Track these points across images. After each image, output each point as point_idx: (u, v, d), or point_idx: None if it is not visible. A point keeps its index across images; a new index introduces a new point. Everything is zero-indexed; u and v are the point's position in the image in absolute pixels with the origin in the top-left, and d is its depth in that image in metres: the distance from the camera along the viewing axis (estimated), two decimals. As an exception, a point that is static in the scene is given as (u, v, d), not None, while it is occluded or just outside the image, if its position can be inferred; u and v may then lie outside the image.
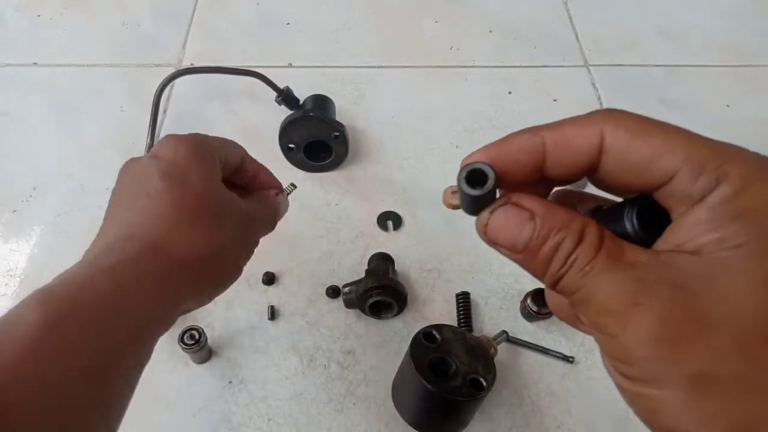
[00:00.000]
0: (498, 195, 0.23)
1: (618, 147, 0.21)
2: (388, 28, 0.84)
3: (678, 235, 0.20)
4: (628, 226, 0.22)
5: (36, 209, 0.64)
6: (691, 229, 0.20)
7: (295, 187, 0.44)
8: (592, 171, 0.22)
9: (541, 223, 0.21)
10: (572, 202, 0.27)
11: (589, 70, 0.78)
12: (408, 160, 0.69)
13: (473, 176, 0.22)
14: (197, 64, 0.77)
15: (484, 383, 0.45)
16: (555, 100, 0.74)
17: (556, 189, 0.26)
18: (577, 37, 0.82)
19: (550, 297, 0.27)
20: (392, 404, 0.50)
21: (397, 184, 0.66)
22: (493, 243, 0.23)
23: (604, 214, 0.24)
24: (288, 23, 0.84)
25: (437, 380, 0.44)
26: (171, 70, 0.67)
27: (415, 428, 0.48)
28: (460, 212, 0.24)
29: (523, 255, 0.22)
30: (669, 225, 0.21)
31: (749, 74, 0.78)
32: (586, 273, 0.20)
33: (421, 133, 0.71)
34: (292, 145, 0.64)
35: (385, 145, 0.70)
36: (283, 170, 0.65)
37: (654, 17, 0.85)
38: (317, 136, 0.63)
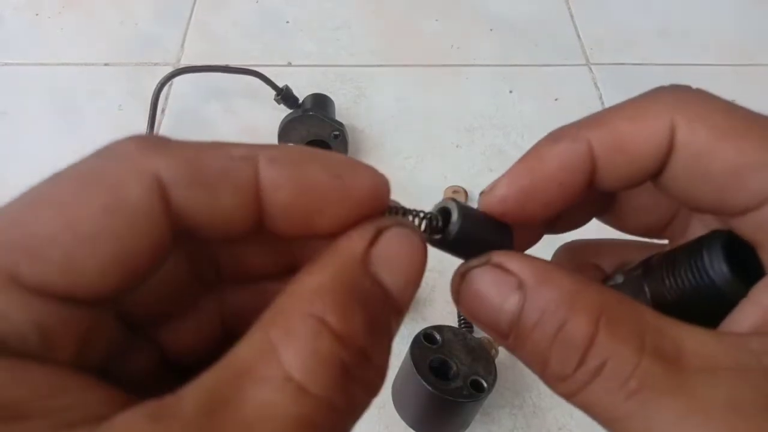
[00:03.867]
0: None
1: (694, 148, 0.15)
2: (389, 26, 0.83)
3: None
4: (714, 273, 0.15)
5: (34, 209, 0.64)
6: None
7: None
8: (655, 177, 0.16)
9: (532, 293, 0.14)
10: (589, 256, 0.20)
11: (591, 69, 0.78)
12: (408, 159, 0.68)
13: (444, 217, 0.16)
14: (196, 63, 0.76)
15: (485, 385, 0.45)
16: (556, 100, 0.74)
17: (567, 242, 0.20)
18: (578, 36, 0.82)
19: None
20: (392, 406, 0.50)
21: (397, 183, 0.65)
22: (470, 317, 0.16)
23: (666, 262, 0.17)
24: (287, 22, 0.83)
25: (438, 381, 0.44)
26: (169, 69, 0.67)
27: (416, 430, 0.48)
28: None
29: (512, 339, 0.15)
30: (763, 274, 0.15)
31: (751, 73, 0.78)
32: (634, 392, 0.13)
33: (421, 133, 0.71)
34: (291, 145, 0.64)
35: (385, 144, 0.70)
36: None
37: (656, 16, 0.85)
38: (317, 135, 0.63)
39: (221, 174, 0.13)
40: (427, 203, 0.69)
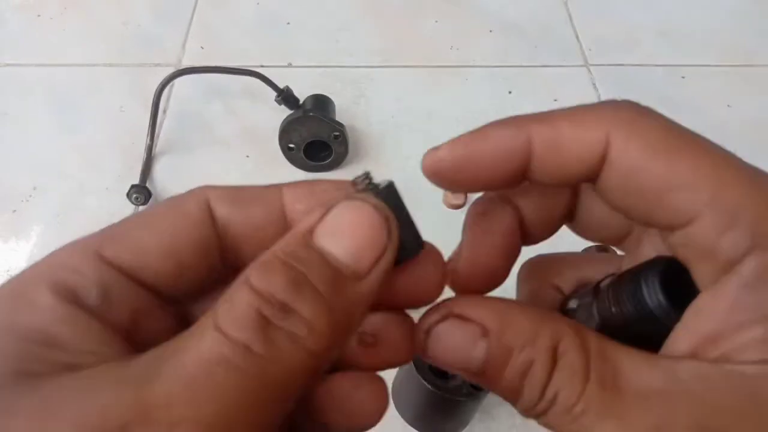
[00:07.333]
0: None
1: (625, 164, 0.15)
2: (389, 27, 0.83)
3: (702, 323, 0.14)
4: (651, 303, 0.16)
5: (36, 209, 0.64)
6: (718, 315, 0.14)
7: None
8: (588, 181, 0.17)
9: (497, 341, 0.16)
10: (551, 275, 0.22)
11: (590, 70, 0.78)
12: (408, 160, 0.68)
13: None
14: (197, 64, 0.77)
15: (485, 383, 0.45)
16: (555, 100, 0.74)
17: (529, 260, 0.22)
18: (577, 37, 0.82)
19: None
20: (392, 403, 0.50)
21: (397, 184, 0.66)
22: (441, 366, 0.18)
23: (612, 289, 0.18)
24: (288, 23, 0.83)
25: (437, 379, 0.44)
26: (171, 70, 0.67)
27: (415, 428, 0.48)
28: (461, 212, 0.21)
29: (485, 378, 0.16)
30: (695, 296, 0.15)
31: (750, 74, 0.78)
32: (578, 417, 0.15)
33: (421, 133, 0.71)
34: (292, 145, 0.64)
35: (385, 145, 0.70)
36: (283, 170, 0.66)
37: (655, 16, 0.85)
38: (317, 136, 0.63)
39: (254, 196, 0.18)
40: (428, 204, 0.68)
